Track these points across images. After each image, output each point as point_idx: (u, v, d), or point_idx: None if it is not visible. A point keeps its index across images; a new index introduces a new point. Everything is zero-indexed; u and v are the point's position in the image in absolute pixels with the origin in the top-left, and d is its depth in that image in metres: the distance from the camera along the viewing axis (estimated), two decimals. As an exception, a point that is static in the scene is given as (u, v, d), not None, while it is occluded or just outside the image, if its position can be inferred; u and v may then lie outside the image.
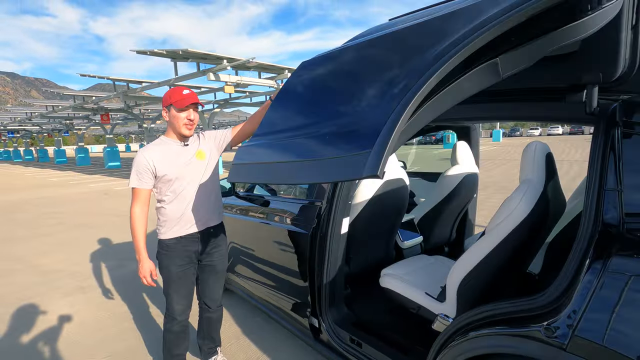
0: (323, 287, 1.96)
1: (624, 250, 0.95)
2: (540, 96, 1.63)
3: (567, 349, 0.96)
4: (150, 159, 1.82)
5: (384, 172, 0.84)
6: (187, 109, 1.83)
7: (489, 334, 1.18)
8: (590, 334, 0.93)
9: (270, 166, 1.19)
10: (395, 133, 0.88)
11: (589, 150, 1.15)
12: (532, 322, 1.07)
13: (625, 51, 1.38)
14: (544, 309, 1.07)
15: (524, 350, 1.06)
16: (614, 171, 1.05)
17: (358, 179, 0.91)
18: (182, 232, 1.90)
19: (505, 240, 1.38)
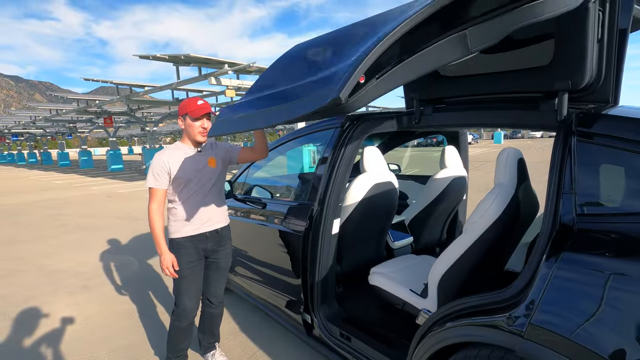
0: (315, 285, 2.08)
1: (575, 248, 1.06)
2: (518, 105, 1.75)
3: (524, 335, 1.07)
4: (167, 161, 1.97)
5: (348, 99, 0.98)
6: (202, 118, 1.99)
7: (461, 325, 1.29)
8: (544, 322, 1.04)
9: (246, 117, 1.38)
10: (359, 69, 1.02)
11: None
12: (497, 313, 1.18)
13: (591, 62, 1.50)
14: (508, 301, 1.17)
15: (489, 338, 1.17)
16: (570, 176, 1.16)
17: (323, 109, 1.04)
18: (192, 232, 2.04)
19: (480, 238, 1.49)
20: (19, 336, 2.76)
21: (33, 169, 25.02)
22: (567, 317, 1.00)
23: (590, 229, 1.07)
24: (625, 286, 0.95)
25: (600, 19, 1.49)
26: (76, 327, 2.87)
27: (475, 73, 1.98)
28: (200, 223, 2.05)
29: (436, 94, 2.08)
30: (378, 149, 2.36)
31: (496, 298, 1.22)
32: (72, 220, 7.15)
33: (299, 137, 2.45)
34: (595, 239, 1.05)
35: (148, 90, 12.85)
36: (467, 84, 1.97)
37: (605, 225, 1.06)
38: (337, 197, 2.04)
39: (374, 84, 1.18)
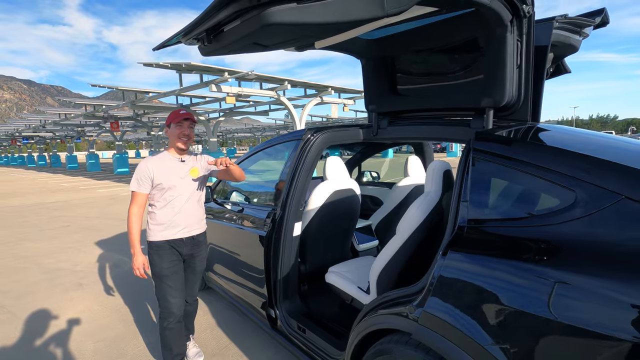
0: (278, 283, 2.28)
1: (461, 248, 1.25)
2: (455, 121, 1.96)
3: (419, 321, 1.27)
4: (151, 168, 2.12)
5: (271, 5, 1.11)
6: (182, 124, 2.14)
7: (382, 314, 1.48)
8: (432, 309, 1.24)
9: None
10: None
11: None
12: (406, 304, 1.38)
13: (511, 85, 1.71)
14: (415, 294, 1.37)
15: (397, 324, 1.37)
16: (466, 187, 1.35)
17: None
18: (170, 237, 2.16)
19: (408, 239, 1.69)
20: (13, 328, 3.00)
21: (42, 172, 25.61)
22: (449, 306, 1.20)
23: (475, 232, 1.27)
24: (497, 281, 1.14)
25: (519, 48, 1.69)
26: (67, 321, 3.10)
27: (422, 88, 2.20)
28: (178, 229, 2.17)
29: (391, 108, 2.30)
30: (340, 159, 2.57)
31: (408, 291, 1.41)
32: (75, 221, 7.45)
33: (268, 147, 2.67)
34: (479, 240, 1.25)
35: (153, 97, 13.23)
36: (416, 99, 2.19)
37: (488, 229, 1.26)
38: (297, 202, 2.25)
39: (293, 5, 1.24)
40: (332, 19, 1.33)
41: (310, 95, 13.27)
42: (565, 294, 0.96)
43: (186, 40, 1.59)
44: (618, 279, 0.92)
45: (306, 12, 1.28)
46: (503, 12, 1.52)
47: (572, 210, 1.08)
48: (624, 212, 0.99)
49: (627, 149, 1.42)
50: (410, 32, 1.94)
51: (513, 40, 1.66)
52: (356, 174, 4.15)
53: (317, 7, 1.29)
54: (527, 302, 1.02)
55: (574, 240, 1.05)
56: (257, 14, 1.25)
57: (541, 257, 1.07)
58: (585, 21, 1.94)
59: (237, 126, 36.25)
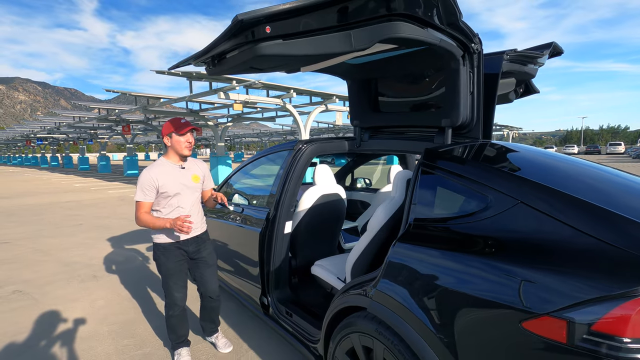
0: (270, 274, 2.62)
1: (405, 240, 1.58)
2: (422, 137, 2.31)
3: (372, 298, 1.60)
4: (155, 177, 2.23)
5: (259, 43, 1.46)
6: (186, 133, 2.32)
7: (349, 295, 1.81)
8: (382, 287, 1.56)
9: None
10: (265, 13, 1.41)
11: None
12: (366, 285, 1.70)
13: (465, 107, 2.05)
14: (374, 278, 1.69)
15: (357, 301, 1.70)
16: (415, 192, 1.68)
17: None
18: (176, 238, 2.35)
19: (376, 235, 2.02)
20: (37, 311, 3.38)
21: (55, 172, 26.37)
22: (393, 284, 1.53)
23: (417, 228, 1.59)
24: (428, 264, 1.45)
25: (471, 78, 2.03)
26: (83, 306, 3.47)
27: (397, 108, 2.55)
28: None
29: (372, 123, 2.65)
30: (328, 167, 2.91)
31: (370, 276, 1.74)
32: (87, 220, 7.88)
33: (266, 155, 3.03)
34: (418, 234, 1.57)
35: (164, 102, 13.75)
36: (392, 116, 2.54)
37: (425, 225, 1.58)
38: (289, 203, 2.60)
39: (279, 42, 1.55)
40: (311, 52, 1.69)
41: (316, 103, 13.67)
42: (476, 274, 1.28)
43: (195, 63, 1.97)
44: (516, 260, 1.23)
45: (290, 47, 1.65)
46: (454, 49, 1.86)
47: (485, 211, 1.40)
48: (520, 212, 1.32)
49: (542, 163, 1.75)
50: (386, 60, 2.29)
51: (466, 72, 2.00)
52: (349, 181, 4.48)
53: (298, 43, 1.65)
54: (449, 280, 1.34)
55: (486, 232, 1.37)
56: (251, 47, 1.62)
57: (461, 246, 1.39)
58: (534, 54, 2.27)
59: (245, 131, 36.82)
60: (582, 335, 1.03)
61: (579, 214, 1.22)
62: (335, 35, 1.64)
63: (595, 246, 1.13)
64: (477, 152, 1.82)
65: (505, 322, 1.17)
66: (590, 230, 1.16)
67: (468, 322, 1.27)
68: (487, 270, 1.25)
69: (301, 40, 1.64)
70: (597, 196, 1.36)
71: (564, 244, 1.19)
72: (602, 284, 1.05)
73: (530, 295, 1.13)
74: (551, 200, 1.28)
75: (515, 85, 2.80)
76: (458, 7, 1.66)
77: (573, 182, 1.53)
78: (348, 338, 1.75)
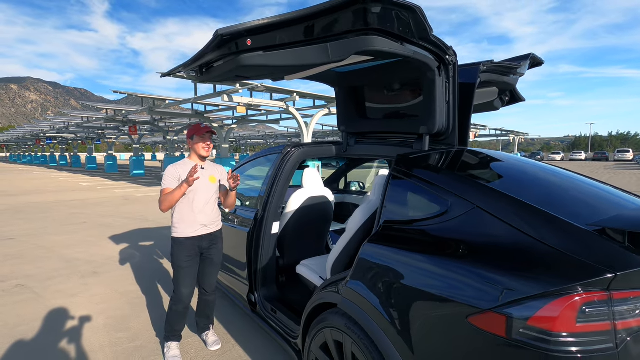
0: (258, 272, 2.73)
1: (373, 240, 1.68)
2: (403, 142, 2.40)
3: (342, 294, 1.70)
4: (178, 171, 2.51)
5: (240, 54, 1.58)
6: (205, 136, 2.56)
7: (324, 292, 1.91)
8: (351, 284, 1.66)
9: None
10: (247, 27, 1.55)
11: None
12: (339, 283, 1.80)
13: (441, 116, 2.14)
14: (346, 277, 1.79)
15: (330, 298, 1.80)
16: (386, 196, 1.78)
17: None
18: (191, 234, 2.51)
19: (354, 236, 2.12)
20: (37, 305, 3.52)
21: (63, 171, 26.82)
22: (360, 281, 1.63)
23: (385, 229, 1.69)
24: (392, 262, 1.54)
25: (447, 88, 2.13)
26: (82, 301, 3.61)
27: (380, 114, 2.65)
28: (198, 226, 2.53)
29: (358, 129, 2.75)
30: (316, 170, 3.02)
31: (344, 275, 1.84)
32: (91, 218, 8.07)
33: (257, 158, 3.15)
34: (386, 235, 1.67)
35: (169, 104, 13.99)
36: (376, 123, 2.64)
37: (392, 226, 1.68)
38: (276, 205, 2.71)
39: (260, 53, 1.67)
40: (291, 63, 1.81)
41: (319, 106, 13.80)
42: (432, 272, 1.38)
43: (185, 71, 2.10)
44: (467, 260, 1.32)
45: (270, 58, 1.77)
46: (429, 61, 1.97)
47: (445, 215, 1.50)
48: (475, 216, 1.41)
49: (505, 169, 1.84)
50: (369, 69, 2.39)
51: (442, 82, 2.10)
52: (343, 184, 4.59)
53: (278, 54, 1.77)
54: (408, 278, 1.44)
55: (445, 234, 1.47)
56: (234, 58, 1.74)
57: (421, 246, 1.49)
58: (511, 65, 2.36)
59: (251, 133, 37.09)
60: (519, 330, 1.13)
61: (523, 216, 1.31)
62: (313, 48, 1.75)
63: (534, 247, 1.22)
64: (445, 159, 1.91)
65: (455, 317, 1.27)
66: (532, 231, 1.25)
67: (423, 317, 1.36)
68: (442, 269, 1.35)
69: (281, 52, 1.76)
70: (545, 200, 1.45)
71: (509, 245, 1.28)
72: (537, 282, 1.14)
73: (477, 292, 1.23)
74: (501, 205, 1.38)
75: (499, 94, 2.89)
76: (428, 23, 1.76)
77: (528, 187, 1.62)
78: (322, 333, 1.85)
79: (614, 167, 28.80)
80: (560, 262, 1.16)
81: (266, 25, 1.63)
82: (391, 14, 1.66)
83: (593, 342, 1.08)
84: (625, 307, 1.10)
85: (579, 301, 1.08)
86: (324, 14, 1.62)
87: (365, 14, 1.62)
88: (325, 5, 1.59)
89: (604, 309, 1.08)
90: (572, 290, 1.08)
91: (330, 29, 1.70)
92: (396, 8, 1.64)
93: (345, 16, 1.64)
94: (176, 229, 2.54)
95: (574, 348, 1.07)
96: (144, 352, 2.68)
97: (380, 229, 1.71)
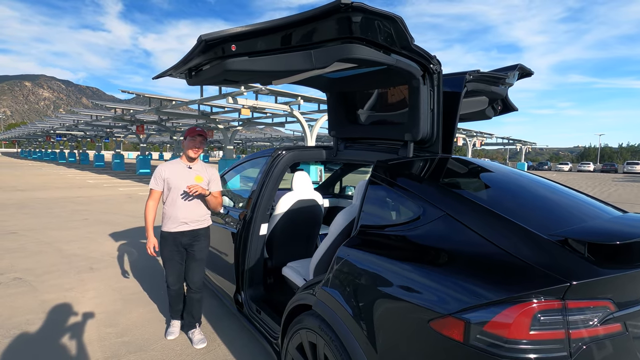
0: (245, 273, 2.76)
1: (348, 244, 1.70)
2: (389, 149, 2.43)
3: (317, 296, 1.72)
4: (164, 171, 2.68)
5: (225, 60, 1.64)
6: (195, 138, 2.68)
7: (303, 293, 1.94)
8: (325, 287, 1.69)
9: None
10: (230, 33, 1.61)
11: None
12: (315, 285, 1.83)
13: (425, 123, 2.17)
14: (321, 280, 1.82)
15: (305, 299, 1.83)
16: (364, 201, 1.81)
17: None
18: (172, 229, 2.68)
19: (335, 239, 2.14)
20: (32, 298, 3.59)
21: (71, 168, 27.20)
22: (334, 284, 1.65)
23: (360, 234, 1.72)
24: (362, 269, 1.57)
25: (432, 96, 2.16)
26: (76, 295, 3.67)
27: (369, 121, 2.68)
28: (178, 222, 2.67)
29: (347, 134, 2.79)
30: (306, 173, 3.05)
31: (320, 278, 1.87)
32: (93, 215, 8.18)
33: (248, 160, 3.20)
34: (360, 239, 1.70)
35: (176, 105, 14.16)
36: (364, 129, 2.67)
37: (367, 231, 1.71)
38: (265, 206, 2.75)
39: (245, 58, 1.71)
40: (276, 69, 1.85)
41: (324, 111, 13.87)
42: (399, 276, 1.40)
43: (175, 74, 2.15)
44: (433, 265, 1.35)
45: (255, 63, 1.81)
46: (413, 69, 2.00)
47: (417, 221, 1.52)
48: (444, 223, 1.44)
49: (480, 176, 1.86)
50: (358, 76, 2.43)
51: (426, 90, 2.13)
52: (338, 188, 4.61)
53: (263, 60, 1.82)
54: (377, 281, 1.46)
55: (414, 240, 1.49)
56: (220, 62, 1.79)
57: (391, 251, 1.51)
58: (498, 75, 2.38)
59: (257, 135, 37.33)
60: (476, 335, 1.15)
61: (490, 224, 1.33)
62: (298, 54, 1.80)
63: (497, 254, 1.24)
64: (424, 166, 1.94)
65: (418, 321, 1.29)
66: (496, 239, 1.27)
67: (389, 320, 1.39)
68: (409, 274, 1.37)
69: (266, 57, 1.81)
70: (515, 209, 1.47)
71: (474, 252, 1.30)
72: (496, 289, 1.16)
73: (439, 297, 1.25)
74: (470, 213, 1.40)
75: (490, 103, 2.91)
76: (409, 33, 1.79)
77: (501, 196, 1.64)
78: (298, 334, 1.87)
79: (622, 180, 28.40)
80: (519, 270, 1.17)
81: (249, 32, 1.68)
82: (373, 23, 1.70)
83: (547, 349, 1.09)
84: (580, 317, 1.11)
85: (534, 308, 1.10)
86: (306, 22, 1.67)
87: (347, 23, 1.66)
88: (307, 14, 1.64)
89: (558, 317, 1.10)
90: (528, 298, 1.10)
91: (312, 36, 1.74)
92: (377, 18, 1.68)
93: (328, 25, 1.68)
94: (162, 223, 2.75)
95: (527, 355, 1.08)
96: (130, 347, 2.73)
97: (357, 233, 1.74)
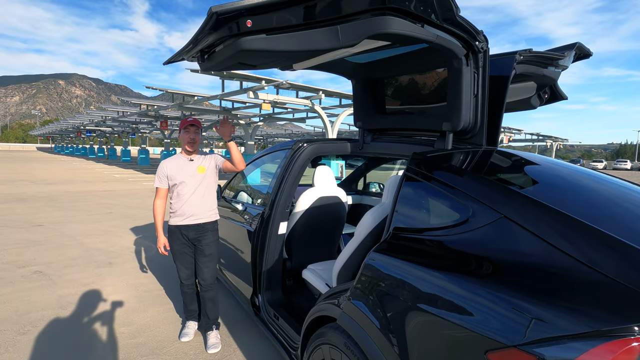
0: (263, 274, 2.57)
1: (379, 250, 1.46)
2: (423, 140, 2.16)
3: (343, 309, 1.49)
4: (166, 168, 2.60)
5: (240, 37, 1.40)
6: (188, 129, 2.56)
7: (324, 303, 1.71)
8: (353, 299, 1.45)
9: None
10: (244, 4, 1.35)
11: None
12: (340, 295, 1.60)
13: (467, 111, 1.89)
14: (347, 289, 1.59)
15: (329, 311, 1.60)
16: (398, 199, 1.56)
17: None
18: (179, 222, 2.59)
19: (362, 242, 1.90)
20: (50, 292, 3.54)
21: (99, 162, 28.11)
22: (363, 297, 1.41)
23: (394, 238, 1.47)
24: (400, 282, 1.32)
25: (476, 79, 1.86)
26: (93, 291, 3.60)
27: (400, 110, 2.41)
28: (185, 216, 2.58)
29: (375, 126, 2.53)
30: (329, 168, 2.82)
31: (345, 286, 1.63)
32: (117, 209, 8.26)
33: (265, 154, 2.99)
34: (395, 244, 1.45)
35: (198, 100, 14.23)
36: (394, 119, 2.41)
37: (403, 235, 1.45)
38: (284, 204, 2.53)
39: (262, 36, 1.49)
40: (297, 48, 1.61)
41: (346, 105, 13.57)
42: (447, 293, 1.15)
43: (187, 57, 1.95)
44: (490, 282, 1.09)
45: (274, 42, 1.57)
46: (455, 47, 1.72)
47: (464, 225, 1.26)
48: (501, 228, 1.17)
49: (541, 174, 1.56)
50: (390, 59, 2.16)
51: (470, 72, 1.83)
52: (362, 185, 4.36)
53: (282, 38, 1.57)
54: (418, 298, 1.21)
55: (462, 248, 1.23)
56: (234, 41, 1.56)
57: (435, 261, 1.26)
58: (553, 55, 2.05)
59: (278, 131, 37.40)
60: (553, 376, 0.88)
61: (564, 231, 1.05)
62: (322, 31, 1.55)
63: (578, 271, 0.97)
64: (470, 159, 1.66)
65: (471, 349, 1.04)
66: (575, 251, 1.00)
67: (432, 346, 1.14)
68: (459, 290, 1.12)
69: (285, 35, 1.57)
70: (592, 213, 1.18)
71: (545, 266, 1.03)
72: (581, 317, 0.89)
73: (500, 322, 0.99)
74: (536, 216, 1.12)
75: (537, 90, 2.57)
76: (454, 1, 1.52)
77: (570, 196, 1.34)
78: (319, 349, 1.65)
79: (665, 179, 26.59)
80: (613, 293, 0.90)
81: (268, 4, 1.45)
82: None
83: (654, 402, 0.82)
84: (701, 359, 0.83)
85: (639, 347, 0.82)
86: None
87: None
88: None
89: (671, 359, 0.82)
90: (630, 332, 0.83)
91: (340, 8, 1.49)
92: None
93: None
94: (169, 218, 2.67)
95: (627, 409, 0.81)
96: (143, 350, 2.59)
97: (390, 237, 1.49)
